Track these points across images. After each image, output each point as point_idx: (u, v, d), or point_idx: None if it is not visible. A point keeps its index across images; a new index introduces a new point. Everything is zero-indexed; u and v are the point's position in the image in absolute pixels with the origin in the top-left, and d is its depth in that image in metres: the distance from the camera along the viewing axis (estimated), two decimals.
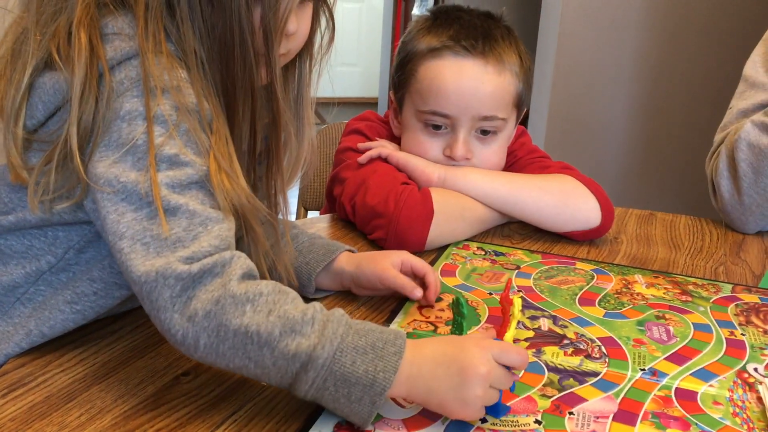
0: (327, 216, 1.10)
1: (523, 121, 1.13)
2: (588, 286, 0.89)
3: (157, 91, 0.59)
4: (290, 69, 0.76)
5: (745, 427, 0.61)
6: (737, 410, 0.64)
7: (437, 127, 1.01)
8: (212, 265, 0.54)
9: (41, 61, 0.62)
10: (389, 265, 0.79)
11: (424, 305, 0.81)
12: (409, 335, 0.73)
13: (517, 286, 0.88)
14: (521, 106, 1.06)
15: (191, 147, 0.60)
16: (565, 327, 0.78)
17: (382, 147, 1.03)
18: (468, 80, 0.98)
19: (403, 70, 1.04)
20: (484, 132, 1.02)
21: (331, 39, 0.77)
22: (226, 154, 0.62)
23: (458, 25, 1.01)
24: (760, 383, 0.68)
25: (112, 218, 0.57)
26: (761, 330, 0.79)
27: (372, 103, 5.37)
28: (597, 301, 0.85)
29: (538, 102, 2.75)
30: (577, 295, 0.86)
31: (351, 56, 6.09)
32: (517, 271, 0.93)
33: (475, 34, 1.00)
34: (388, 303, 0.81)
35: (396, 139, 1.09)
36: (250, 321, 0.53)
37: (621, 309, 0.83)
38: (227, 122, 0.64)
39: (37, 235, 0.66)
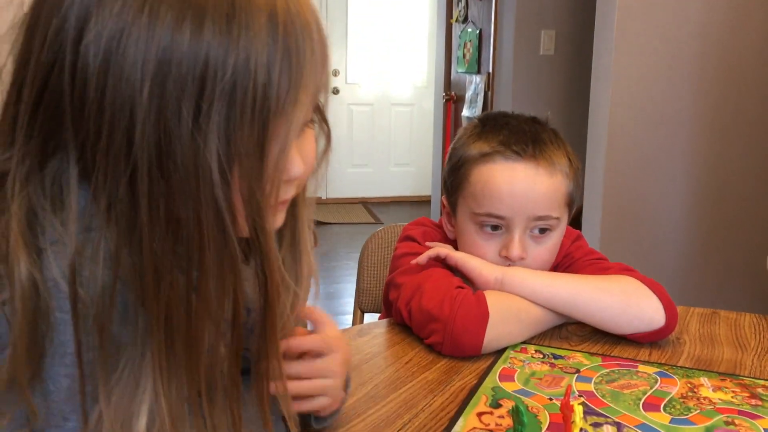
0: (384, 321, 1.11)
1: (578, 219, 1.14)
2: (652, 391, 0.87)
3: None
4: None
5: None
6: None
7: (494, 228, 1.04)
8: None
9: None
10: None
11: (482, 412, 0.80)
12: None
13: (577, 390, 0.87)
14: (572, 204, 1.08)
15: None
16: None
17: (441, 247, 1.05)
18: (521, 182, 1.01)
19: (455, 175, 1.07)
20: (541, 230, 1.04)
21: (328, 142, 0.63)
22: None
23: (507, 131, 1.04)
24: None
25: None
26: None
27: (425, 201, 5.47)
28: (662, 406, 0.82)
29: (592, 199, 2.75)
30: (641, 399, 0.84)
31: (404, 157, 6.26)
32: (577, 374, 0.91)
33: (524, 138, 1.03)
34: (446, 410, 0.80)
35: (449, 243, 1.11)
36: None
37: (688, 414, 0.80)
38: None
39: None
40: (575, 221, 3.16)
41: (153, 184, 0.48)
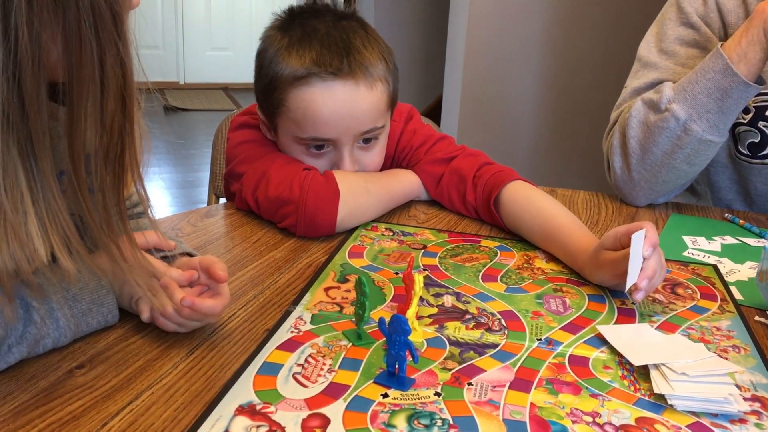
0: (229, 204, 1.08)
1: (437, 106, 1.14)
2: (491, 263, 0.91)
3: None
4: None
5: (632, 388, 0.65)
6: (626, 373, 0.67)
7: (319, 147, 1.01)
8: None
9: None
10: None
11: (330, 287, 0.81)
12: (314, 317, 0.74)
13: (423, 265, 0.89)
14: (395, 102, 1.06)
15: None
16: (468, 303, 0.80)
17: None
18: (342, 104, 0.96)
19: (270, 97, 0.99)
20: (366, 140, 1.03)
21: None
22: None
23: (318, 44, 0.97)
24: None
25: None
26: (650, 298, 0.83)
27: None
28: (499, 277, 0.87)
29: (451, 85, 2.79)
30: (480, 271, 0.88)
31: None
32: (423, 250, 0.94)
33: (338, 51, 0.96)
34: (292, 286, 0.81)
35: None
36: None
37: (521, 284, 0.86)
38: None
39: None
40: (435, 108, 3.20)
41: None
